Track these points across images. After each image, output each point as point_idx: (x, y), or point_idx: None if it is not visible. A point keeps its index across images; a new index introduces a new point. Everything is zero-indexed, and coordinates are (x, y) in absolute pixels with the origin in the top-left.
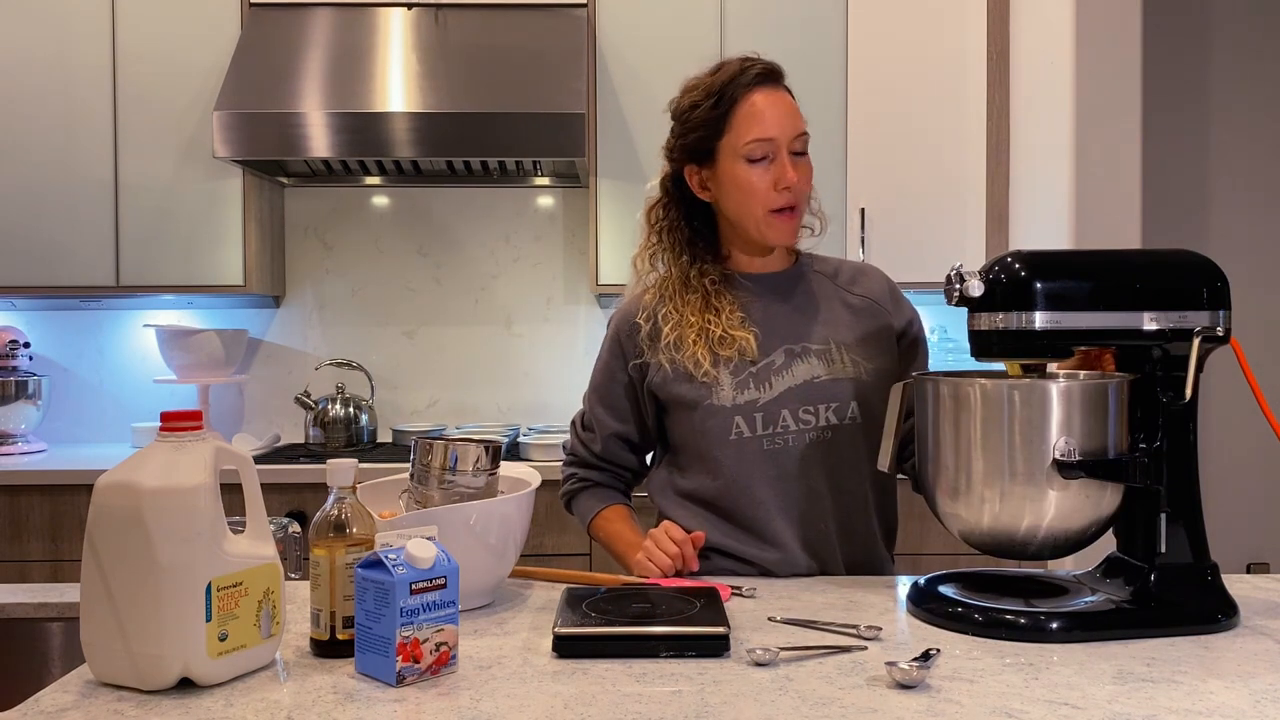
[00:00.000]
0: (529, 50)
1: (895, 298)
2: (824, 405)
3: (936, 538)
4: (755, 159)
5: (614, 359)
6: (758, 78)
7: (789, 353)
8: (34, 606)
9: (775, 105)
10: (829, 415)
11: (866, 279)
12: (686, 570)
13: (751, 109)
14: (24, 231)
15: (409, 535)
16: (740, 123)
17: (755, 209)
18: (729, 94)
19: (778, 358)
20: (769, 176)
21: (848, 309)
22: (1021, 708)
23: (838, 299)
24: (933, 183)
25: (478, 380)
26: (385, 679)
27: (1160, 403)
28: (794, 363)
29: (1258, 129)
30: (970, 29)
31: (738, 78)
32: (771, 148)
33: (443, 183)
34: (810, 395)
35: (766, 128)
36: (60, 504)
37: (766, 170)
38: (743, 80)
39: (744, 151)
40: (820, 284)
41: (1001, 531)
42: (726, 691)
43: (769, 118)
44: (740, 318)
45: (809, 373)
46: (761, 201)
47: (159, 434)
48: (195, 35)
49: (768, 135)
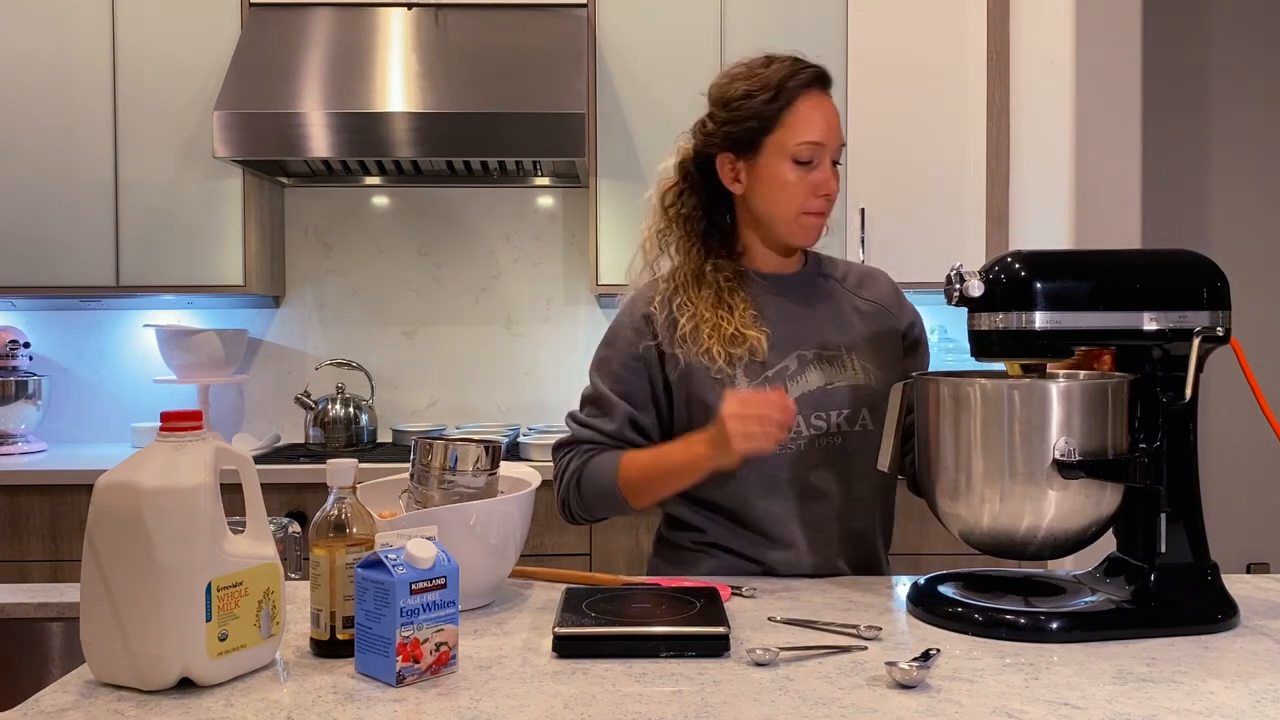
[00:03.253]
0: (529, 50)
1: (900, 300)
2: (835, 411)
3: (936, 538)
4: (802, 160)
5: (631, 343)
6: (816, 80)
7: (801, 358)
8: (34, 606)
9: (828, 111)
10: (840, 421)
11: (874, 282)
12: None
13: (808, 110)
14: (24, 231)
15: (409, 535)
16: (794, 122)
17: (790, 209)
18: (787, 90)
19: (791, 363)
20: (809, 180)
21: (857, 314)
22: (1021, 708)
23: (847, 303)
24: (933, 183)
25: (478, 380)
26: (385, 679)
27: (1160, 403)
28: (807, 369)
29: (1258, 129)
30: (970, 29)
31: (796, 75)
32: (819, 152)
33: (443, 183)
34: (823, 402)
35: (819, 132)
36: (60, 504)
37: (808, 173)
38: (801, 79)
39: (793, 152)
40: (830, 287)
41: (1001, 531)
42: (726, 691)
43: (822, 122)
44: (753, 316)
45: (822, 379)
46: (798, 203)
47: (159, 434)
48: (195, 35)
49: (819, 139)
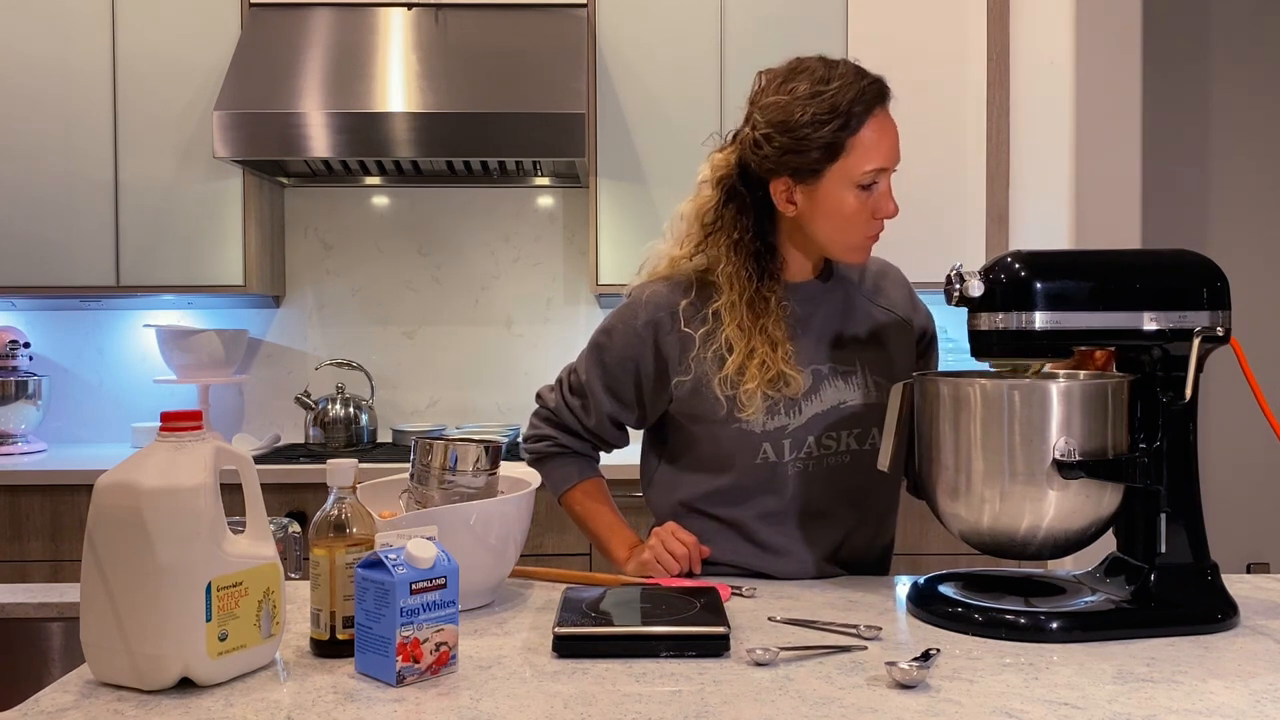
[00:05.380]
0: (529, 50)
1: (913, 302)
2: (847, 431)
3: (936, 538)
4: (865, 186)
5: (632, 342)
6: (880, 98)
7: (816, 374)
8: (34, 606)
9: (891, 132)
10: (850, 441)
11: (889, 285)
12: (690, 573)
13: (875, 136)
14: (24, 231)
15: (409, 535)
16: (862, 149)
17: (852, 236)
18: (856, 117)
19: (805, 379)
20: (870, 205)
21: (873, 324)
22: (1021, 708)
23: (864, 312)
24: (933, 183)
25: (478, 380)
26: (385, 679)
27: (1160, 403)
28: (821, 386)
29: (1258, 129)
30: (970, 29)
31: (862, 96)
32: (883, 177)
33: (443, 183)
34: (835, 421)
35: (885, 158)
36: (60, 504)
37: (870, 197)
38: (867, 99)
39: (859, 179)
40: (849, 293)
41: (1001, 531)
42: (726, 691)
43: (887, 146)
44: (793, 350)
45: (835, 398)
46: (861, 230)
47: (159, 434)
48: (195, 35)
49: (885, 166)
